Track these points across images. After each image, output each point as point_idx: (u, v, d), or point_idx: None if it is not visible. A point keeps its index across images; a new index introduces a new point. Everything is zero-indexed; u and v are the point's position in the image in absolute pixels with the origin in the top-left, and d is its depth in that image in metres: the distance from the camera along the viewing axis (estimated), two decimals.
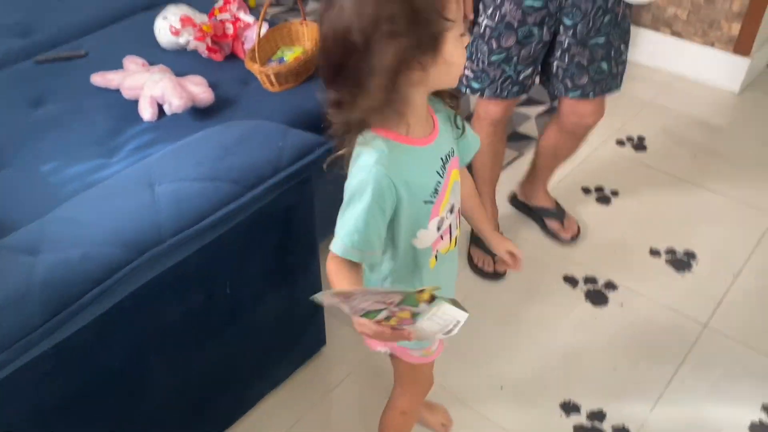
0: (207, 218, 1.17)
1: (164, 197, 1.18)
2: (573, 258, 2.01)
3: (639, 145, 2.47)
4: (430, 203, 0.99)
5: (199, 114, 1.64)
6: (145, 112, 1.61)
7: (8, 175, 1.52)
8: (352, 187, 0.93)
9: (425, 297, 0.81)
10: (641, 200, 2.23)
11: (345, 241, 0.93)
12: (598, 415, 1.60)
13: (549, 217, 2.06)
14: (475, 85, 1.69)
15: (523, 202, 2.14)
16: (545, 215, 2.07)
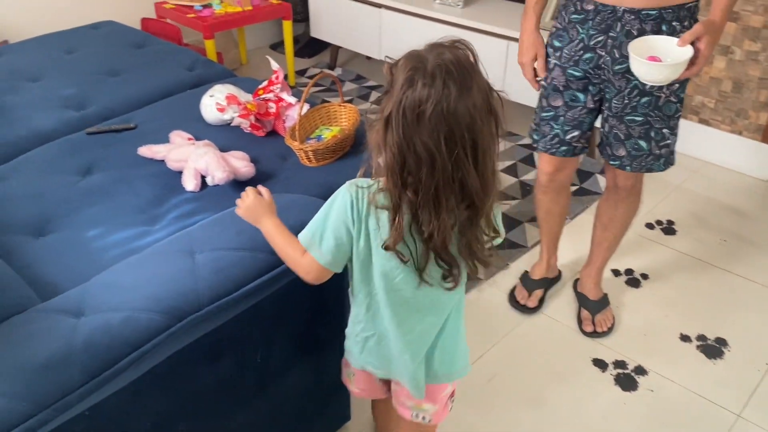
0: (244, 287, 1.21)
1: (204, 265, 1.23)
2: (603, 340, 1.99)
3: (668, 229, 2.48)
4: None
5: (240, 186, 1.70)
6: (189, 183, 1.68)
7: (55, 239, 1.58)
8: None
9: None
10: (671, 284, 2.22)
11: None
12: None
13: (584, 306, 2.06)
14: (534, 136, 1.86)
15: (576, 281, 2.17)
16: (582, 303, 2.07)
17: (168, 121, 2.01)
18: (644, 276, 2.25)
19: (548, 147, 1.82)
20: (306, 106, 1.90)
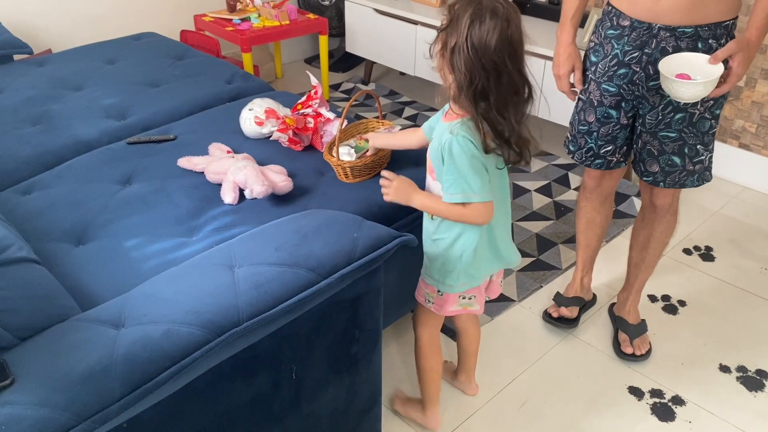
0: (283, 303, 1.20)
1: (243, 280, 1.23)
2: (639, 368, 1.94)
3: (706, 255, 2.43)
4: None
5: (276, 200, 1.71)
6: (227, 195, 1.69)
7: (95, 248, 1.60)
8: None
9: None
10: (709, 312, 2.16)
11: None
12: None
13: (623, 330, 2.02)
14: (570, 147, 1.87)
15: (612, 306, 2.13)
16: (620, 326, 2.03)
17: (207, 133, 2.02)
18: (681, 303, 2.20)
19: (584, 159, 1.83)
20: (344, 122, 1.90)
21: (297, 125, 1.90)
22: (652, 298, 2.21)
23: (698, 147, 1.66)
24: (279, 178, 1.70)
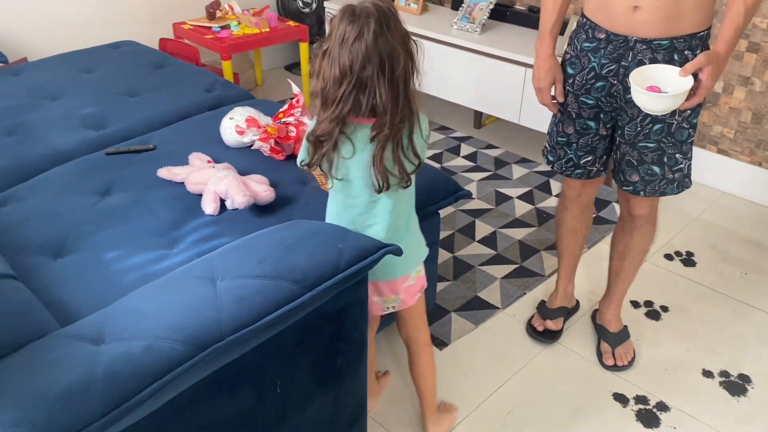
0: (267, 317, 1.18)
1: (226, 293, 1.21)
2: (623, 374, 1.95)
3: (688, 260, 2.45)
4: None
5: (258, 210, 1.69)
6: (208, 206, 1.67)
7: (73, 261, 1.57)
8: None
9: None
10: (692, 317, 2.18)
11: None
12: None
13: (604, 339, 2.02)
14: (550, 157, 1.86)
15: (594, 312, 2.14)
16: (601, 335, 2.03)
17: (187, 143, 2.00)
18: (664, 308, 2.21)
19: (563, 169, 1.83)
20: None
21: (279, 134, 1.89)
22: (635, 304, 2.23)
23: (677, 156, 1.67)
24: (261, 188, 1.68)
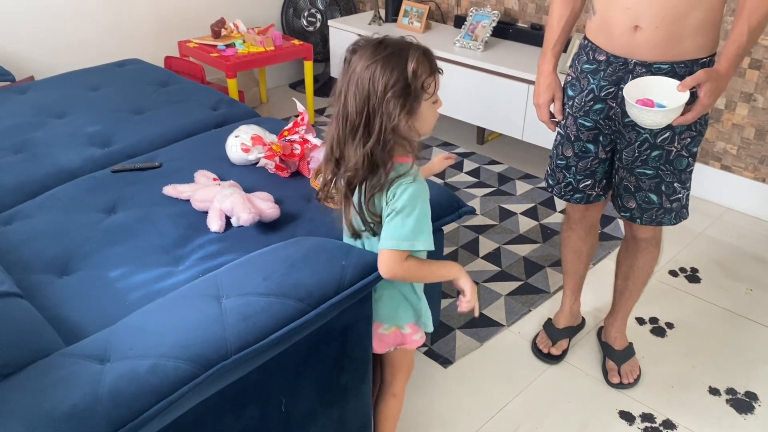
0: (272, 335, 1.18)
1: (231, 311, 1.21)
2: (629, 392, 1.94)
3: (692, 276, 2.44)
4: None
5: (264, 227, 1.70)
6: (213, 223, 1.67)
7: (78, 279, 1.57)
8: (404, 200, 1.21)
9: None
10: (697, 334, 2.17)
11: (415, 239, 1.23)
12: None
13: (609, 357, 2.01)
14: (550, 181, 1.86)
15: (600, 329, 2.14)
16: (607, 353, 2.03)
17: (193, 161, 2.01)
18: (669, 325, 2.21)
19: (563, 193, 1.82)
20: None
21: (284, 152, 1.90)
22: (640, 321, 2.22)
23: (675, 185, 1.65)
24: (266, 205, 1.69)
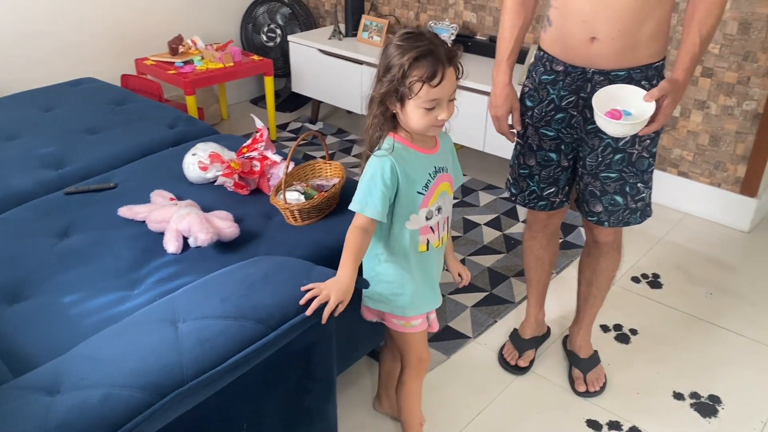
0: (230, 359, 1.15)
1: (188, 336, 1.18)
2: (595, 400, 1.94)
3: (654, 282, 2.47)
4: (421, 195, 1.39)
5: (223, 247, 1.67)
6: (170, 245, 1.63)
7: (30, 306, 1.52)
8: (366, 167, 1.35)
9: None
10: (661, 340, 2.19)
11: (365, 205, 1.33)
12: None
13: (575, 365, 2.02)
14: (513, 190, 1.87)
15: (565, 338, 2.15)
16: (572, 361, 2.03)
17: (149, 181, 1.97)
18: (633, 331, 2.23)
19: (527, 201, 1.84)
20: (291, 164, 1.88)
21: (243, 169, 1.87)
22: (605, 328, 2.23)
23: (639, 185, 1.69)
24: (225, 224, 1.66)
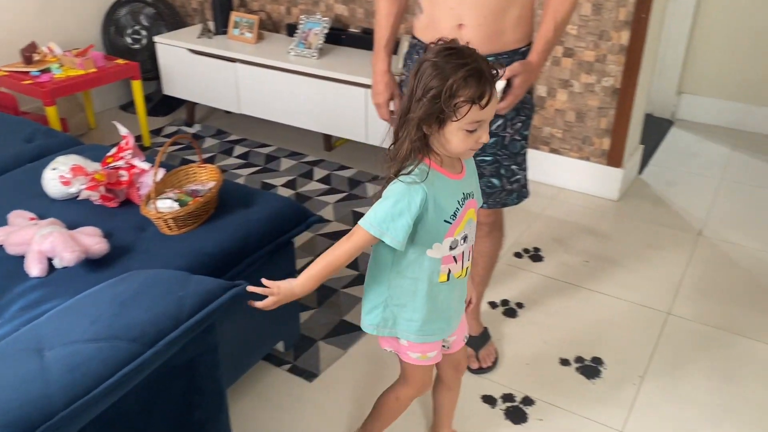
0: (103, 383, 1.08)
1: (55, 364, 1.09)
2: (489, 375, 2.01)
3: (536, 256, 2.58)
4: (448, 223, 1.30)
5: (93, 265, 1.57)
6: (33, 268, 1.52)
7: None
8: (389, 190, 1.26)
9: None
10: (545, 310, 2.30)
11: (380, 225, 1.24)
12: None
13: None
14: None
15: None
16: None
17: (5, 201, 1.82)
18: (519, 305, 2.32)
19: None
20: (161, 171, 1.80)
21: (109, 180, 1.77)
22: (492, 305, 2.31)
23: (513, 167, 1.76)
24: (92, 241, 1.56)
